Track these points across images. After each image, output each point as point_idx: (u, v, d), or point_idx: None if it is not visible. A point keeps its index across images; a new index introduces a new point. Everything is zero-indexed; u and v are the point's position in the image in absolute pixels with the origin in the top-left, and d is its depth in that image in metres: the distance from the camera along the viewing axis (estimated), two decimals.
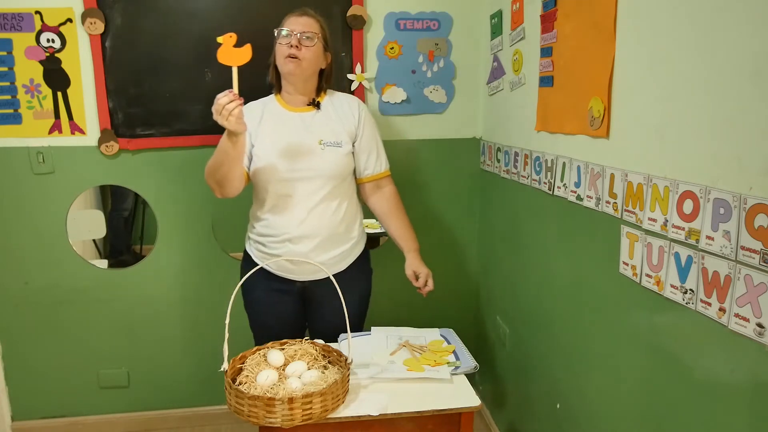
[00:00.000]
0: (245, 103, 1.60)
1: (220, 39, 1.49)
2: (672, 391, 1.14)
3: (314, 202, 1.73)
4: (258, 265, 1.73)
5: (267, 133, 1.76)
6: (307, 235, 1.74)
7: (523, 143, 1.88)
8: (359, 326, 1.93)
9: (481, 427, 2.37)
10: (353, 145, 1.81)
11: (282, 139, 1.74)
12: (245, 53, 1.50)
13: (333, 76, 1.87)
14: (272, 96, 1.84)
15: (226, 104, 1.49)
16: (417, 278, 1.85)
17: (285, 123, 1.77)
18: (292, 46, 1.68)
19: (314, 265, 1.60)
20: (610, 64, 1.31)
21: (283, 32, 1.70)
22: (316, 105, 1.79)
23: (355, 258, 1.85)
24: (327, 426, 1.40)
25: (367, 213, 2.41)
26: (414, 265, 1.85)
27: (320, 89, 1.82)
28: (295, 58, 1.69)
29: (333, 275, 1.68)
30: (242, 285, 1.84)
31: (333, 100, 1.84)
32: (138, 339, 2.33)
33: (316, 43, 1.71)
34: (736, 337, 0.95)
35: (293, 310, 1.87)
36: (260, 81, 1.90)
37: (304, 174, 1.72)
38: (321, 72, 1.80)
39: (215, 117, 1.52)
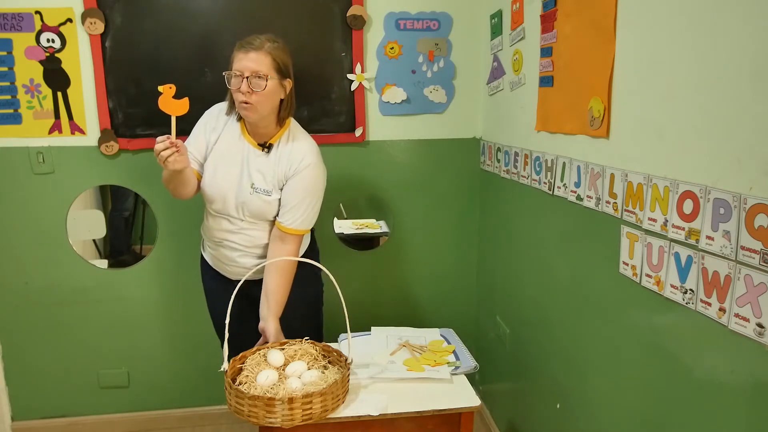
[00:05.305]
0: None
1: (160, 88, 1.56)
2: (672, 391, 1.14)
3: (242, 227, 1.76)
4: (206, 259, 1.91)
5: (215, 157, 1.75)
6: (235, 248, 1.78)
7: (523, 143, 1.88)
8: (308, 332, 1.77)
9: (481, 427, 2.36)
10: (281, 191, 1.74)
11: (223, 171, 1.73)
12: (183, 105, 1.58)
13: (293, 105, 1.75)
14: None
15: (161, 151, 1.54)
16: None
17: (232, 154, 1.74)
18: (242, 92, 1.60)
19: (242, 268, 1.63)
20: (610, 64, 1.31)
21: (231, 79, 1.62)
22: (267, 148, 1.72)
23: None
24: (327, 426, 1.40)
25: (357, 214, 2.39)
26: (269, 330, 1.69)
27: (280, 119, 1.72)
28: (248, 103, 1.63)
29: (257, 280, 1.73)
30: (201, 275, 1.95)
31: (287, 145, 1.73)
32: (138, 339, 2.33)
33: (267, 84, 1.61)
34: (736, 337, 0.95)
35: (236, 302, 1.72)
36: None
37: (232, 211, 1.75)
38: (281, 101, 1.70)
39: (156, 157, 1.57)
